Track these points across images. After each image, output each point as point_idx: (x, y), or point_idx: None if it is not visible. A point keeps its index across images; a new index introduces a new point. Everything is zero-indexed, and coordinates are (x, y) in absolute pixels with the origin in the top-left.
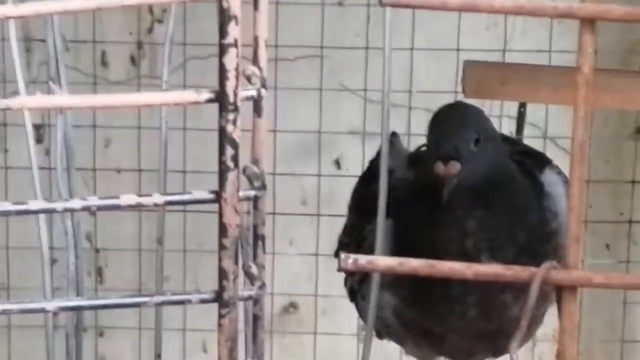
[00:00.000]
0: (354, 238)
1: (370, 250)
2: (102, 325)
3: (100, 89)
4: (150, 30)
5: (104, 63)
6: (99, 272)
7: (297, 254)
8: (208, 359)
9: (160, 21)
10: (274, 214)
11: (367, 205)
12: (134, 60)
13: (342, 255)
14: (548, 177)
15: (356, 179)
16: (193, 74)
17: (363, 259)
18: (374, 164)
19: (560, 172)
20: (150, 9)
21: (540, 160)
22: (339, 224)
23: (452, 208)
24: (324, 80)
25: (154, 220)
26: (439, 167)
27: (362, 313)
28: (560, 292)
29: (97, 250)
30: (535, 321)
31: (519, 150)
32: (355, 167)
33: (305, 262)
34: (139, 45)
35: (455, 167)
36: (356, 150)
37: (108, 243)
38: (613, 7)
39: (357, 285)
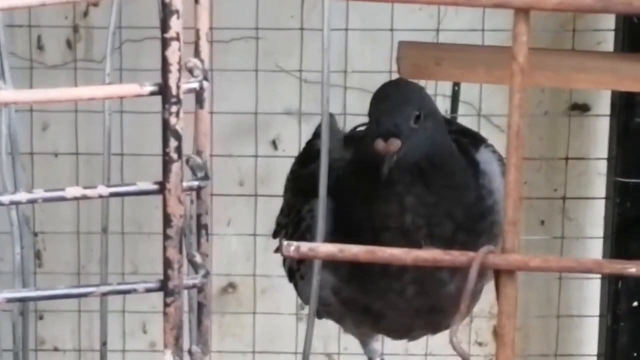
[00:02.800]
0: (292, 219)
1: (307, 231)
2: (42, 309)
3: (36, 73)
4: (85, 13)
5: (40, 47)
6: (38, 255)
7: (235, 234)
8: (148, 339)
9: (95, 5)
10: (211, 195)
11: (304, 185)
12: (70, 44)
13: (284, 242)
14: (483, 156)
15: (293, 160)
16: (128, 56)
17: (305, 247)
18: (310, 145)
19: (494, 151)
20: None
21: (476, 139)
22: (277, 204)
23: (392, 184)
24: (260, 61)
25: (92, 204)
26: (379, 144)
27: (301, 293)
28: (498, 275)
29: (35, 234)
30: (473, 298)
31: (454, 129)
32: (292, 147)
33: (243, 243)
34: (75, 29)
35: (395, 143)
36: (293, 131)
37: (46, 226)
38: None
39: (295, 266)
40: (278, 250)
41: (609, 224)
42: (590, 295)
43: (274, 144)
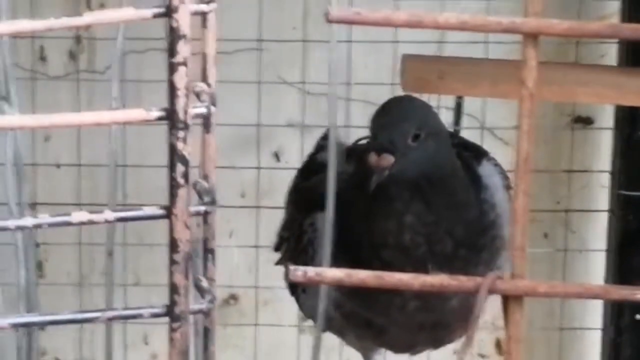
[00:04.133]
0: (293, 232)
1: (309, 244)
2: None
3: (39, 84)
4: (88, 25)
5: (43, 58)
6: (40, 266)
7: (237, 246)
8: (150, 351)
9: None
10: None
11: (305, 198)
12: (72, 55)
13: (291, 267)
14: (485, 169)
15: (295, 172)
16: (131, 68)
17: (312, 272)
18: (312, 158)
19: (496, 164)
20: (88, 3)
21: (478, 153)
22: (279, 215)
23: (391, 201)
24: (262, 73)
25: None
26: (372, 157)
27: (302, 307)
28: (506, 300)
29: (37, 245)
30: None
31: (455, 142)
32: (294, 159)
33: (245, 254)
34: (78, 40)
35: (387, 159)
36: (295, 143)
37: (48, 237)
38: (555, 22)
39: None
40: (280, 262)
41: (612, 237)
42: (593, 308)
43: (276, 155)
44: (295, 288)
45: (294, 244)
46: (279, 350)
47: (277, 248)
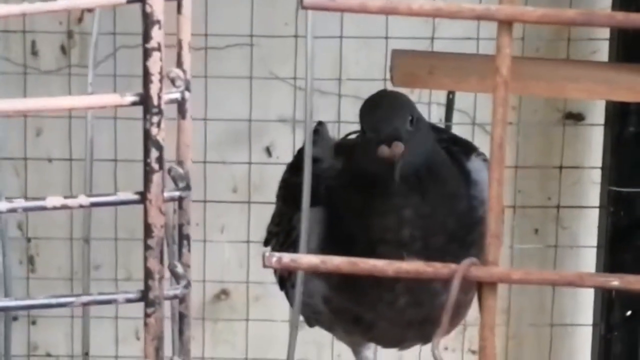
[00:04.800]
0: (283, 227)
1: (298, 240)
2: (34, 314)
3: (30, 79)
4: (80, 19)
5: (34, 52)
6: (31, 260)
7: (228, 241)
8: (141, 346)
9: (90, 10)
10: (204, 201)
11: (294, 194)
12: (64, 50)
13: (266, 253)
14: (474, 164)
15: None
16: (123, 63)
17: (287, 258)
18: (301, 153)
19: (486, 159)
20: None
21: (467, 148)
22: (270, 211)
23: (389, 196)
24: (254, 68)
25: (85, 210)
26: (384, 150)
27: (292, 301)
28: (480, 287)
29: (28, 240)
30: (464, 306)
31: (445, 137)
32: (286, 155)
33: (236, 249)
34: (69, 34)
35: (399, 147)
36: (286, 138)
37: (39, 232)
38: (529, 9)
39: (286, 274)
40: (265, 266)
41: (603, 233)
42: (583, 304)
43: (268, 151)
44: (284, 283)
45: (283, 239)
46: (271, 345)
47: (266, 243)
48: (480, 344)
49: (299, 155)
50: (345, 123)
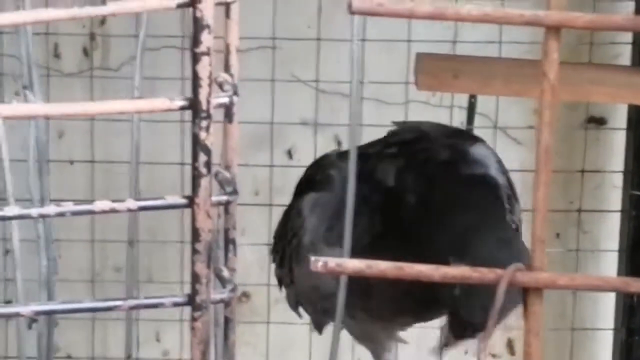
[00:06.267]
0: (284, 221)
1: (294, 236)
2: (57, 316)
3: (53, 81)
4: (102, 22)
5: (57, 55)
6: (53, 262)
7: (249, 244)
8: (162, 348)
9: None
10: None
11: (300, 186)
12: (86, 52)
13: (312, 258)
14: (477, 148)
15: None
16: (146, 65)
17: (332, 262)
18: (319, 159)
19: (489, 147)
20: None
21: (473, 138)
22: None
23: None
24: (276, 71)
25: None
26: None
27: (290, 299)
28: (526, 293)
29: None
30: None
31: (450, 133)
32: (307, 157)
33: (257, 252)
34: (92, 37)
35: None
36: (308, 141)
37: (62, 234)
38: (577, 14)
39: (278, 271)
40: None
41: (624, 237)
42: (604, 309)
43: (289, 153)
44: (281, 282)
45: (280, 230)
46: (291, 348)
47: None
48: (525, 349)
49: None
50: (367, 126)
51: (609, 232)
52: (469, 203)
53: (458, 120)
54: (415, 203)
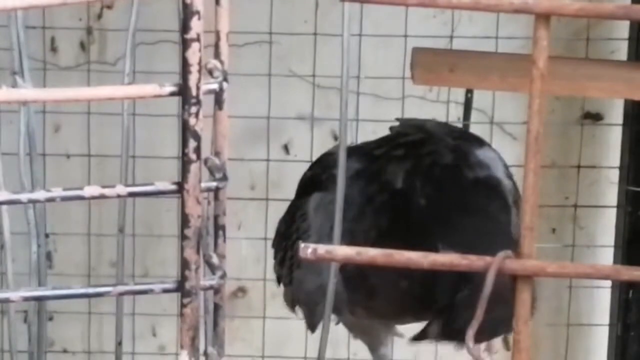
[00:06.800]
0: (286, 219)
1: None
2: (52, 310)
3: (50, 75)
4: (99, 16)
5: (54, 49)
6: (49, 256)
7: (246, 238)
8: (158, 342)
9: (109, 7)
10: None
11: (304, 184)
12: (83, 46)
13: (302, 244)
14: (485, 152)
15: (304, 164)
16: (142, 59)
17: (322, 249)
18: (304, 178)
19: (495, 151)
20: None
21: (479, 141)
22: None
23: None
24: (273, 66)
25: (103, 206)
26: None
27: (287, 297)
28: (515, 280)
29: (46, 235)
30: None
31: (456, 132)
32: (304, 152)
33: (253, 247)
34: (89, 31)
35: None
36: (304, 136)
37: (57, 228)
38: (567, 3)
39: (278, 269)
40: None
41: (620, 233)
42: (600, 304)
43: (286, 148)
44: (279, 279)
45: (284, 229)
46: (287, 343)
47: (274, 243)
48: (514, 337)
49: (303, 180)
50: (363, 121)
51: (605, 227)
52: (476, 207)
53: (454, 115)
54: (425, 206)
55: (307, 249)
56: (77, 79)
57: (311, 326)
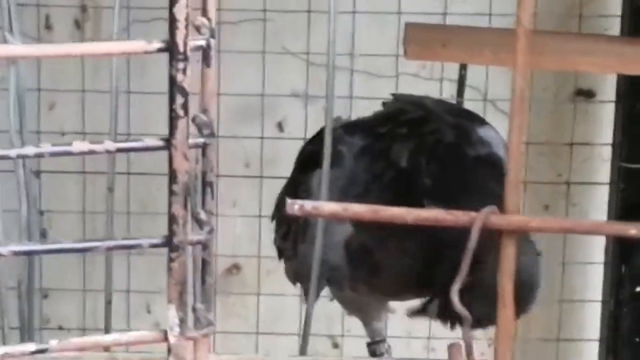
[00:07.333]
0: (289, 190)
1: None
2: (47, 287)
3: None
4: None
5: (48, 27)
6: (43, 234)
7: (240, 215)
8: (152, 320)
9: None
10: (217, 176)
11: (304, 158)
12: (78, 24)
13: (289, 200)
14: (486, 130)
15: (298, 142)
16: (137, 37)
17: (309, 205)
18: (304, 150)
19: (495, 129)
20: None
21: (480, 120)
22: (282, 185)
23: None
24: (267, 43)
25: (97, 183)
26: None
27: (288, 272)
28: (499, 235)
29: (41, 213)
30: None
31: (455, 110)
32: (298, 130)
33: (248, 224)
34: (83, 8)
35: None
36: (299, 113)
37: (52, 205)
38: None
39: (281, 243)
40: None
41: (613, 209)
42: (592, 281)
43: (280, 126)
44: (281, 252)
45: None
46: (282, 319)
47: (273, 217)
48: (499, 291)
49: (303, 152)
50: (358, 99)
51: (598, 204)
52: (478, 185)
53: (448, 93)
54: (431, 186)
55: (294, 205)
56: (71, 57)
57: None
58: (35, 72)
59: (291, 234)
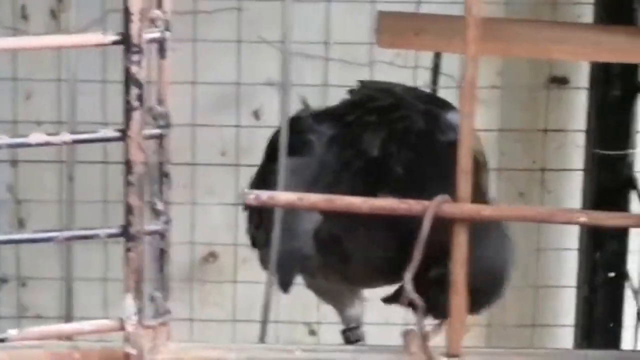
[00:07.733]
0: (259, 179)
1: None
2: (24, 276)
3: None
4: None
5: (24, 17)
6: (21, 223)
7: (217, 203)
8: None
9: None
10: (193, 164)
11: (273, 148)
12: (54, 14)
13: (245, 191)
14: (453, 116)
15: (274, 130)
16: (113, 27)
17: (264, 195)
18: (273, 142)
19: None
20: None
21: (447, 105)
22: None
23: None
24: (242, 32)
25: (75, 172)
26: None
27: (263, 260)
28: (452, 224)
29: (18, 202)
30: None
31: (423, 96)
32: (274, 118)
33: (224, 212)
34: None
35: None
36: (274, 102)
37: (30, 194)
38: None
39: (254, 232)
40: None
41: (587, 196)
42: (567, 266)
43: (256, 114)
44: (255, 242)
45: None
46: (258, 307)
47: (246, 206)
48: (452, 279)
49: (272, 143)
50: (333, 87)
51: (572, 190)
52: (449, 171)
53: (422, 80)
54: (403, 174)
55: (250, 195)
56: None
57: (284, 285)
58: (11, 61)
59: (263, 223)
